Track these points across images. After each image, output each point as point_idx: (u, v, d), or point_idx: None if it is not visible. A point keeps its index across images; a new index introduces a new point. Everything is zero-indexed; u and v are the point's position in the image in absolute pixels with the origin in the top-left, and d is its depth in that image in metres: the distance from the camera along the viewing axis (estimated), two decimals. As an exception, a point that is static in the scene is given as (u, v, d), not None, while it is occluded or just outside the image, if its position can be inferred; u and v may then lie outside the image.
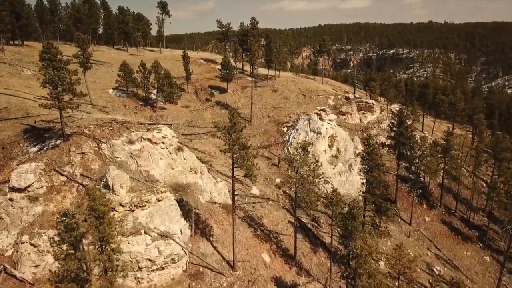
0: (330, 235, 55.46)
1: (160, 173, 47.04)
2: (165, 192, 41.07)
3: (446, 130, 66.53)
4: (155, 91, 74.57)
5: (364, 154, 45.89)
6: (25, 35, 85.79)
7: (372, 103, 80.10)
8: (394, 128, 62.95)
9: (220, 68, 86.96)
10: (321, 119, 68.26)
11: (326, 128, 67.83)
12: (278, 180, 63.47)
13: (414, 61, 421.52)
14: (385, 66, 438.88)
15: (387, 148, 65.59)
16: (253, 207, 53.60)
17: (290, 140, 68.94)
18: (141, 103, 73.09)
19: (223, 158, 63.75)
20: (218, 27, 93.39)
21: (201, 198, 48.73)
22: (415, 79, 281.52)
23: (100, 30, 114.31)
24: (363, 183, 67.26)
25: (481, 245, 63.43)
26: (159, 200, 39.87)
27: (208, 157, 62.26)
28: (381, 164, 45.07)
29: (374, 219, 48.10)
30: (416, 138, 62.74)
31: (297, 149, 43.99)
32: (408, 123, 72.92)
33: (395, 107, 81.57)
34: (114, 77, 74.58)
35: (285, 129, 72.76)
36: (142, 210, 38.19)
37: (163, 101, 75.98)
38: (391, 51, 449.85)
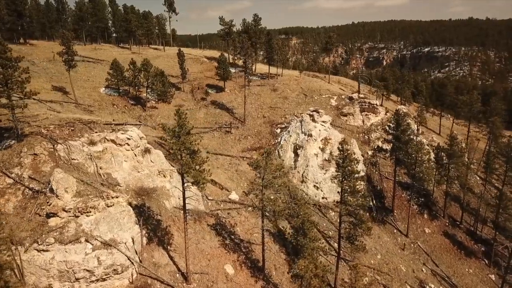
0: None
1: (124, 176, 44.97)
2: (117, 197, 38.66)
3: (450, 134, 60.71)
4: (150, 90, 73.03)
5: (339, 160, 41.69)
6: (28, 34, 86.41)
7: (376, 104, 74.94)
8: (391, 131, 57.98)
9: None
10: (313, 120, 64.16)
11: (319, 130, 63.71)
12: (264, 184, 60.06)
13: (450, 59, 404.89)
14: (419, 65, 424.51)
15: (384, 153, 60.68)
16: (228, 213, 50.58)
17: (281, 142, 65.33)
18: (131, 102, 71.60)
19: (208, 161, 60.90)
20: (220, 24, 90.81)
21: (167, 203, 46.24)
22: (451, 78, 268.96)
23: (112, 29, 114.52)
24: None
25: (486, 261, 57.42)
26: (108, 206, 37.54)
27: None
28: (356, 172, 40.77)
29: (351, 232, 43.74)
30: (415, 142, 57.40)
31: (263, 154, 40.48)
32: (408, 125, 67.70)
33: (402, 108, 75.87)
34: (110, 75, 73.59)
35: (278, 130, 69.19)
36: (87, 216, 35.95)
37: (156, 100, 74.22)
38: (426, 49, 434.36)
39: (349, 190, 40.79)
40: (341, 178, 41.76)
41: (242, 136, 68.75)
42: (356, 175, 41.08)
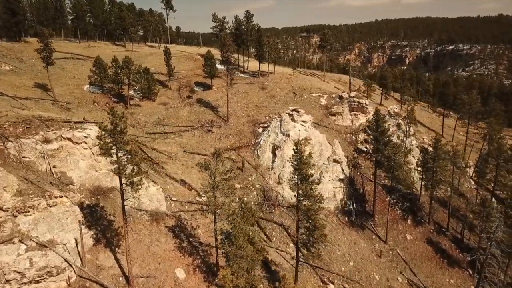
0: (276, 250, 50.04)
1: (80, 175, 44.27)
2: (61, 197, 37.85)
3: (435, 136, 57.31)
4: (133, 88, 72.50)
5: (295, 162, 39.53)
6: (22, 31, 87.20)
7: (365, 104, 71.85)
8: (371, 133, 55.21)
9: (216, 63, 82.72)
10: (293, 120, 62.00)
11: (299, 130, 61.53)
12: (238, 185, 58.43)
13: (475, 57, 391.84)
14: (443, 63, 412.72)
15: (363, 155, 57.91)
16: (192, 215, 49.18)
17: (260, 142, 63.45)
18: (114, 99, 71.10)
19: (183, 161, 59.82)
20: (213, 21, 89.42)
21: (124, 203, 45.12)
22: (475, 76, 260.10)
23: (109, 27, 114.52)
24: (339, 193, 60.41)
25: (470, 271, 53.93)
26: (50, 206, 36.76)
27: (165, 158, 58.53)
28: (311, 175, 38.60)
29: (307, 238, 41.51)
30: (395, 143, 54.42)
31: (214, 155, 38.85)
32: (397, 126, 64.72)
33: (393, 108, 72.62)
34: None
35: (260, 129, 67.22)
36: (26, 216, 35.23)
37: (140, 98, 73.49)
38: (450, 47, 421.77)
39: (304, 194, 38.72)
40: (297, 181, 39.78)
41: (223, 135, 67.14)
42: (311, 179, 38.98)
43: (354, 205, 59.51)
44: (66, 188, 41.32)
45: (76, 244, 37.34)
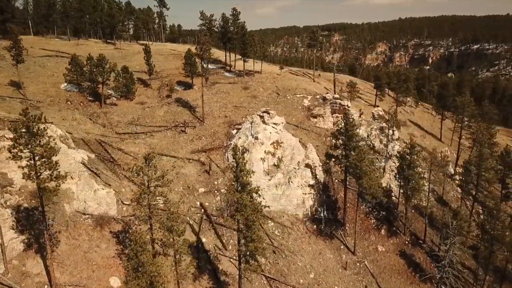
0: (229, 260, 47.78)
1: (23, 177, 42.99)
2: (-11, 200, 36.58)
3: (410, 141, 53.44)
4: (109, 86, 71.41)
5: (233, 169, 37.06)
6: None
7: (347, 105, 68.38)
8: (340, 137, 51.99)
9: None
10: (263, 122, 59.33)
11: (270, 132, 58.85)
12: (202, 189, 56.36)
13: (500, 57, 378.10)
14: (467, 63, 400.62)
15: (333, 159, 54.68)
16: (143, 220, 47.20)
17: (232, 145, 61.07)
18: (90, 98, 70.09)
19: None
20: (200, 18, 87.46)
21: (68, 207, 43.68)
22: (501, 77, 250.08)
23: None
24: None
25: (443, 287, 50.07)
26: (-25, 209, 35.55)
27: (130, 160, 56.96)
28: (248, 183, 36.05)
29: (246, 250, 38.94)
30: (361, 149, 50.96)
31: (146, 160, 36.79)
32: (357, 130, 61.10)
33: (378, 110, 68.82)
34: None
35: (234, 131, 64.86)
36: None
37: (118, 96, 72.28)
38: (475, 46, 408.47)
39: (241, 203, 36.24)
40: (236, 188, 37.33)
41: (196, 136, 65.10)
42: (250, 188, 36.48)
43: (325, 213, 56.45)
44: (2, 190, 40.07)
45: (1, 250, 35.97)
